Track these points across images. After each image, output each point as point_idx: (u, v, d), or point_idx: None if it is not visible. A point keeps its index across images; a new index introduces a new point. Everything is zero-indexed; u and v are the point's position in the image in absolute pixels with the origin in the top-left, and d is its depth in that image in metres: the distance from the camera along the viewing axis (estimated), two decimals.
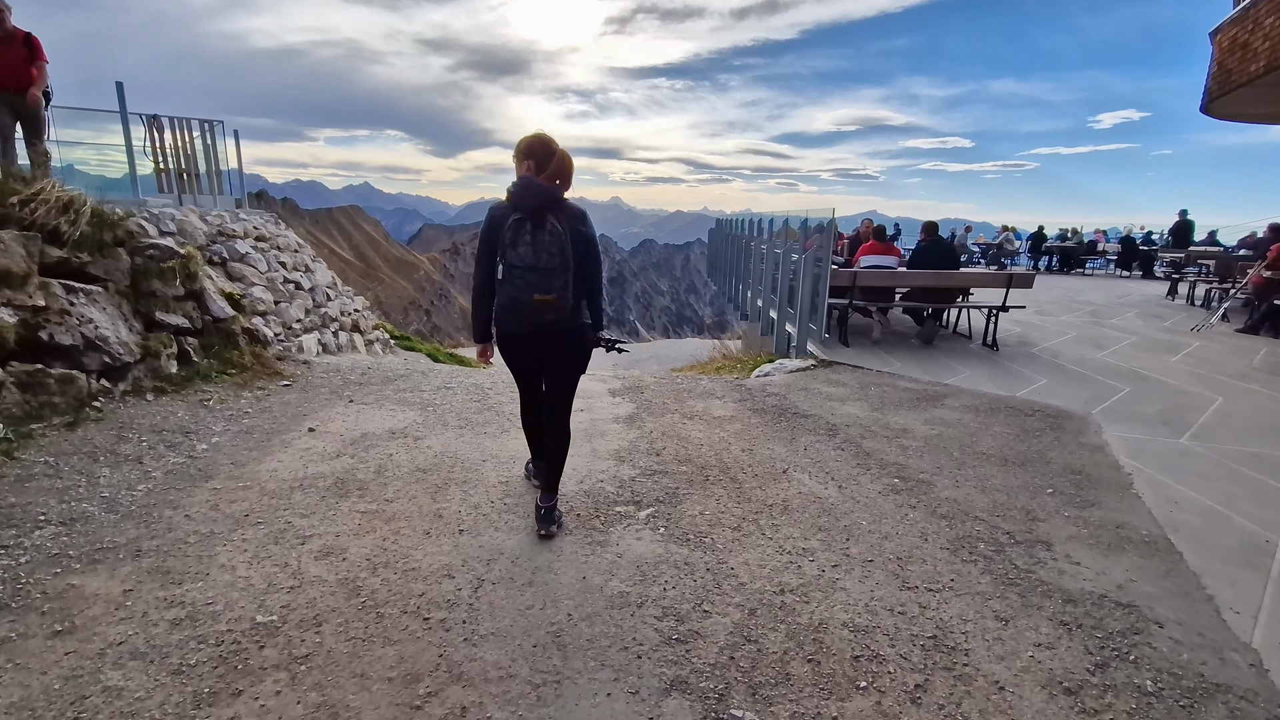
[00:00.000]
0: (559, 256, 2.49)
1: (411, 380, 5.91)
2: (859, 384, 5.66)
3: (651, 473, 3.64)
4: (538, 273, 2.48)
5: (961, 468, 3.82)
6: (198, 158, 9.12)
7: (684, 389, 5.78)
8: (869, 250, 7.22)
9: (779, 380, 5.95)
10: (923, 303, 7.09)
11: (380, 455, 3.76)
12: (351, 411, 4.65)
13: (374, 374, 6.18)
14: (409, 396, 5.15)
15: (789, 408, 5.00)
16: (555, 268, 2.49)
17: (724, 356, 10.69)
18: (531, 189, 2.51)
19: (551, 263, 2.49)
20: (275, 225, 8.20)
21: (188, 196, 8.68)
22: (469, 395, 5.22)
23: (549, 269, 2.48)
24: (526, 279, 2.49)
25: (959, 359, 6.60)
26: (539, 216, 2.49)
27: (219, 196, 9.39)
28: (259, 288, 6.50)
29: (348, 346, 8.09)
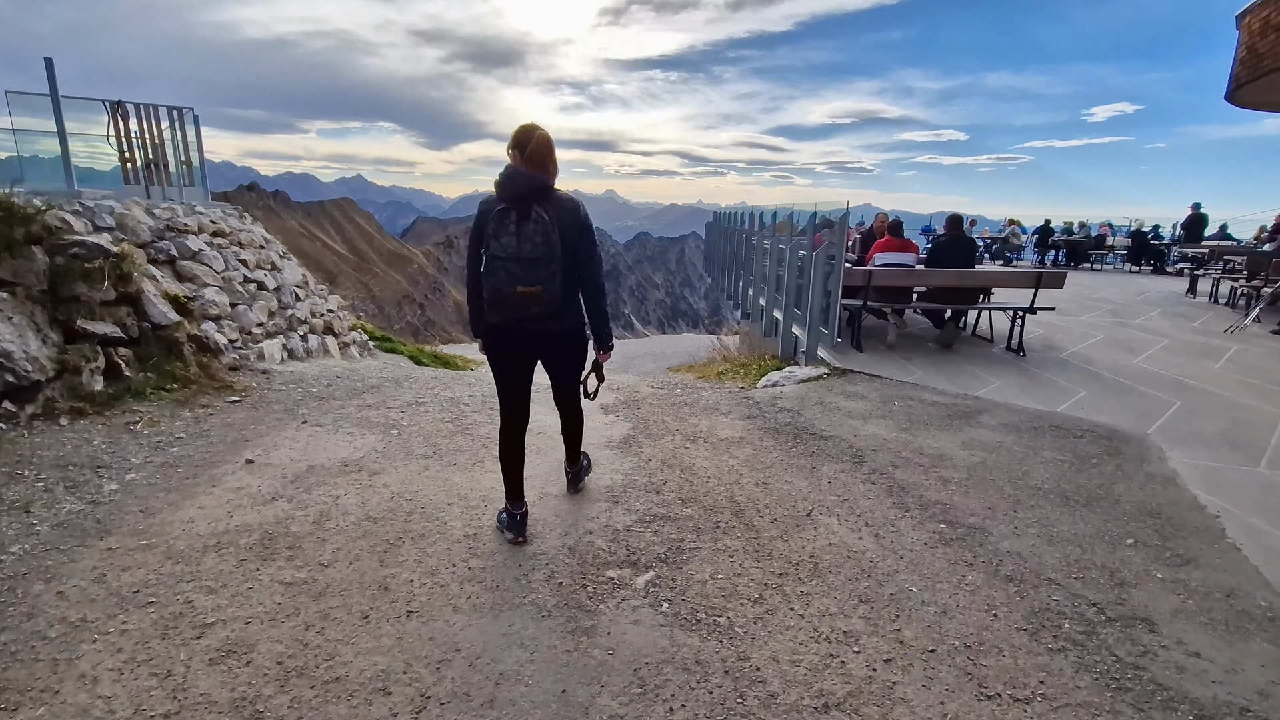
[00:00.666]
0: (543, 246, 2.37)
1: (380, 393, 5.26)
2: (880, 397, 5.04)
3: (651, 518, 3.02)
4: (521, 263, 2.37)
5: (1017, 508, 3.21)
6: (166, 148, 8.46)
7: (685, 402, 5.15)
8: (885, 246, 6.59)
9: (790, 392, 5.33)
10: (943, 304, 6.48)
11: (325, 498, 3.12)
12: (303, 436, 4.00)
13: (340, 385, 5.53)
14: (373, 415, 4.50)
15: (804, 427, 4.38)
16: (540, 258, 2.37)
17: (724, 358, 10.07)
18: (515, 177, 2.41)
19: (535, 252, 2.36)
20: (239, 219, 7.51)
21: (156, 189, 8.04)
22: (441, 413, 4.58)
23: (533, 259, 2.36)
24: (509, 270, 2.37)
25: (985, 366, 6.00)
26: (524, 206, 2.38)
27: (190, 189, 8.74)
28: (213, 289, 5.82)
29: (318, 351, 7.43)
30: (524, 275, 2.38)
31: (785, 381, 5.78)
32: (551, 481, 3.39)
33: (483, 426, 4.26)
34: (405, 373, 7.13)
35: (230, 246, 6.64)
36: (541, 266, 2.38)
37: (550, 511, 3.05)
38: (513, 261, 2.37)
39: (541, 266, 2.38)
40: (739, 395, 5.41)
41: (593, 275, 2.61)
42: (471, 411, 4.62)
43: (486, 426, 4.26)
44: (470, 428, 4.24)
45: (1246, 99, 10.13)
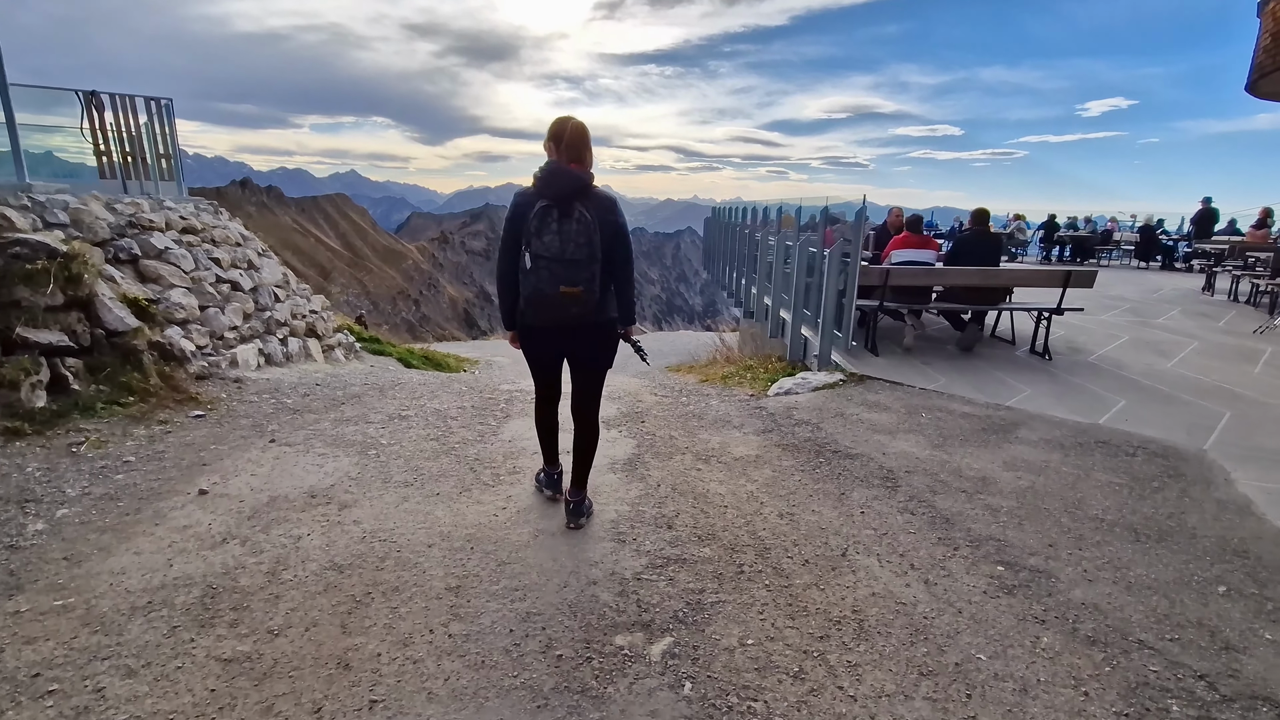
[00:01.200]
0: (586, 247, 2.35)
1: (361, 404, 4.81)
2: (904, 408, 4.62)
3: (664, 561, 2.59)
4: (564, 264, 2.34)
5: (1081, 545, 2.79)
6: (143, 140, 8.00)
7: (693, 413, 4.72)
8: (903, 243, 6.17)
9: (805, 402, 4.91)
10: (965, 305, 6.06)
11: (284, 539, 2.67)
12: (268, 458, 3.55)
13: (319, 394, 5.08)
14: (350, 431, 4.06)
15: (827, 443, 3.96)
16: (582, 259, 2.35)
17: (726, 359, 9.64)
18: (558, 174, 2.36)
19: (579, 254, 2.35)
20: (213, 215, 7.02)
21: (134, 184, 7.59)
22: (427, 429, 4.13)
23: (575, 260, 2.34)
24: (553, 270, 2.34)
25: (1011, 372, 5.59)
26: (566, 205, 2.34)
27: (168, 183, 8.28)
28: (180, 290, 5.36)
29: (299, 355, 6.96)
30: (567, 276, 2.35)
31: (799, 389, 5.36)
32: (548, 515, 2.96)
33: (470, 446, 3.82)
34: (392, 378, 6.67)
35: (202, 244, 6.16)
36: (584, 267, 2.36)
37: (547, 554, 2.61)
38: (556, 262, 2.34)
39: (584, 267, 2.36)
40: (750, 405, 4.99)
41: (627, 275, 2.60)
42: (459, 428, 4.17)
43: (474, 446, 3.82)
44: (457, 447, 3.79)
45: (1267, 89, 9.74)
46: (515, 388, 5.74)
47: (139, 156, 7.86)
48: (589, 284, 2.38)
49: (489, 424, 4.27)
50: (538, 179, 2.40)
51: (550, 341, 2.64)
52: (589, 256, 2.36)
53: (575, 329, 2.57)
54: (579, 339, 2.63)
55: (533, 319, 2.53)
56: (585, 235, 2.34)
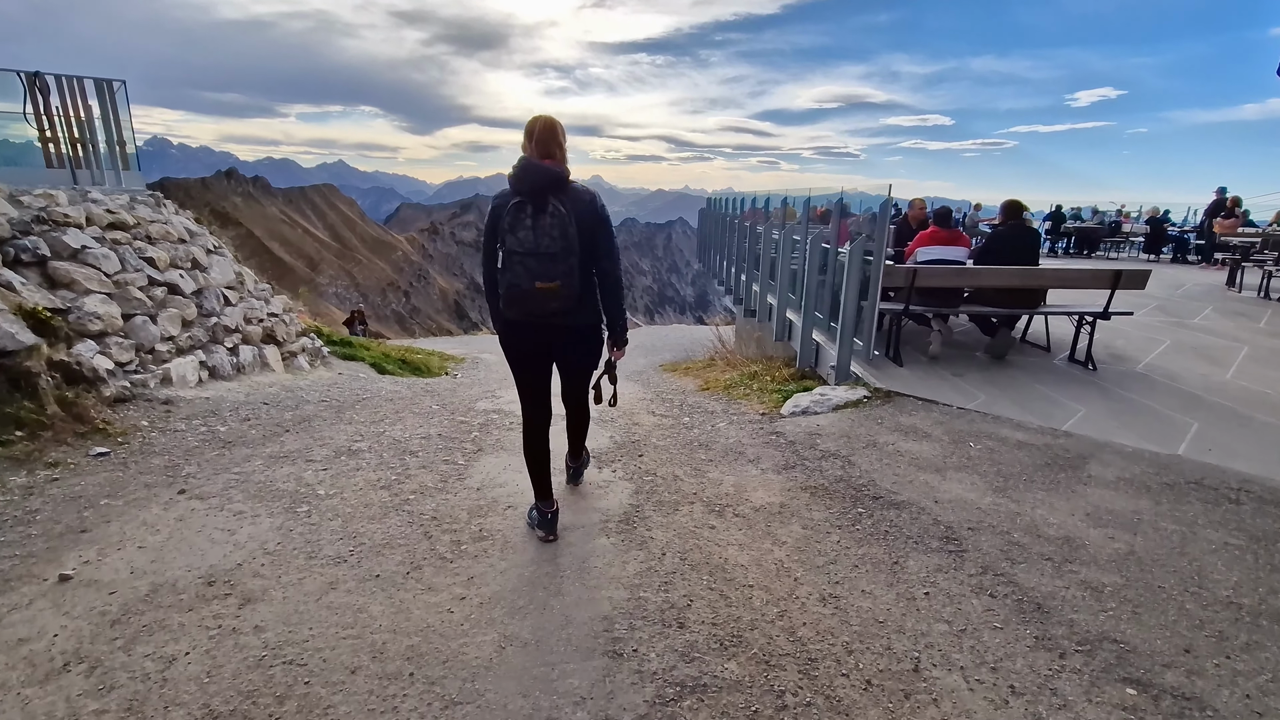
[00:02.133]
0: (561, 240, 2.28)
1: (310, 431, 4.06)
2: (947, 434, 3.92)
3: (677, 690, 1.86)
4: (538, 258, 2.29)
5: (1226, 647, 2.10)
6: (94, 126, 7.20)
7: (698, 441, 4.00)
8: (931, 239, 5.45)
9: (829, 425, 4.20)
10: (999, 308, 5.36)
11: (150, 665, 1.92)
12: (170, 519, 2.79)
13: (263, 417, 4.32)
14: (284, 475, 3.29)
15: (864, 485, 3.25)
16: (557, 253, 2.29)
17: (727, 362, 8.92)
18: (529, 170, 2.31)
19: (553, 247, 2.28)
20: (154, 208, 6.19)
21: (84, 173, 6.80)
22: (379, 470, 3.38)
23: (550, 254, 2.28)
24: (526, 265, 2.30)
25: (1056, 385, 4.89)
26: (539, 199, 2.29)
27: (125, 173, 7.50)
28: (97, 297, 4.55)
29: (253, 365, 6.17)
30: (541, 270, 2.30)
31: (818, 407, 4.65)
32: (522, 603, 2.23)
33: (428, 497, 3.07)
34: (357, 391, 5.90)
35: (133, 242, 5.34)
36: (560, 261, 2.30)
37: (514, 683, 1.88)
38: (530, 257, 2.29)
39: (560, 261, 2.30)
40: (764, 429, 4.27)
41: (611, 268, 2.50)
42: (418, 468, 3.42)
43: (433, 497, 3.07)
44: (412, 499, 3.04)
45: None
46: (492, 406, 4.99)
47: (87, 143, 7.08)
48: (566, 278, 2.31)
49: (455, 462, 3.52)
50: (512, 177, 2.34)
51: (530, 339, 2.53)
52: (564, 250, 2.29)
53: (557, 332, 2.50)
54: (562, 342, 2.56)
55: (511, 314, 2.44)
56: (559, 228, 2.28)
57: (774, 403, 5.22)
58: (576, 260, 2.33)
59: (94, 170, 7.03)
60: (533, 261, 2.29)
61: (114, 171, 7.23)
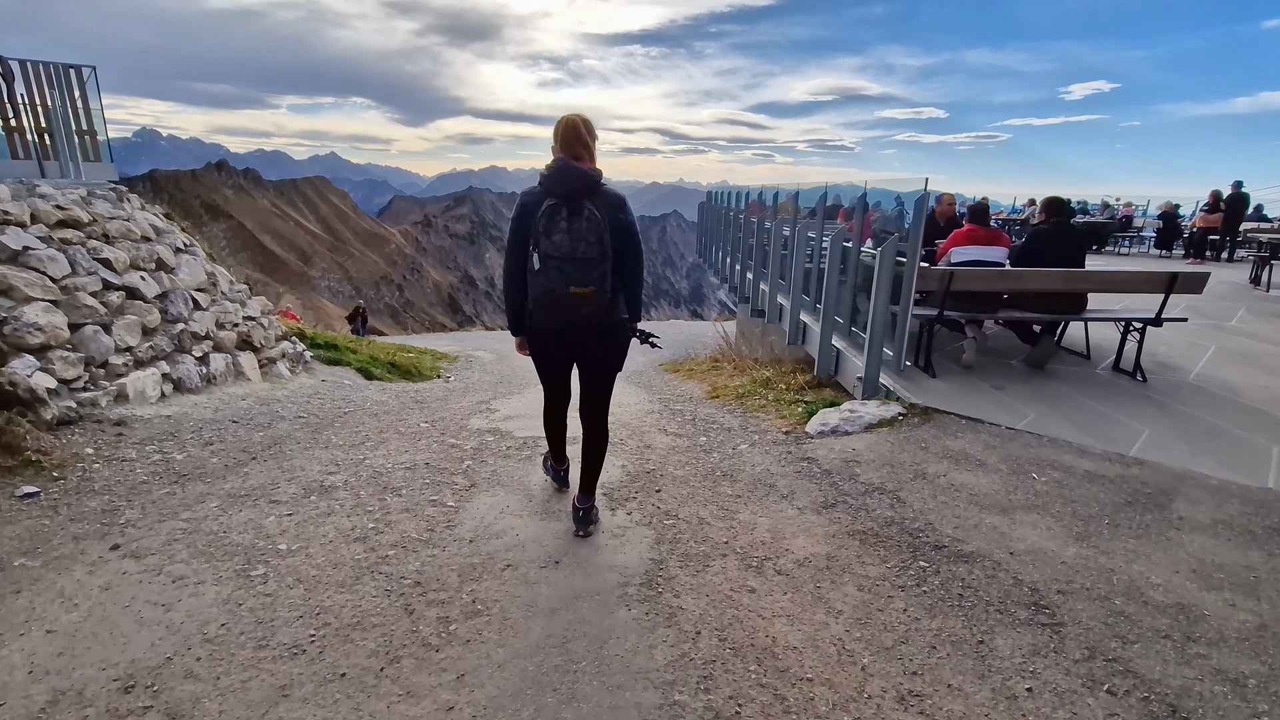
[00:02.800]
0: (597, 246, 2.27)
1: (280, 458, 3.55)
2: (1003, 461, 3.44)
3: None
4: (575, 263, 2.26)
5: None
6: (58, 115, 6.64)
7: (720, 469, 3.52)
8: (967, 238, 4.96)
9: (866, 449, 3.71)
10: (1041, 314, 4.89)
11: None
12: (94, 587, 2.27)
13: (228, 439, 3.81)
14: (240, 520, 2.78)
15: (920, 530, 2.77)
16: (594, 258, 2.27)
17: (734, 365, 8.44)
18: (567, 172, 2.28)
19: (589, 252, 2.26)
20: (115, 203, 5.62)
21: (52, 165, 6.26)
22: (353, 516, 2.86)
23: (587, 259, 2.26)
24: (563, 270, 2.25)
25: (1109, 400, 4.43)
26: (575, 203, 2.26)
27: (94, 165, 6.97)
28: (39, 305, 4.01)
29: (225, 375, 5.63)
30: (578, 276, 2.26)
31: (848, 426, 4.17)
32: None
33: (412, 554, 2.55)
34: (339, 404, 5.39)
35: (87, 241, 4.79)
36: (595, 266, 2.28)
37: None
38: (566, 261, 2.25)
39: (595, 266, 2.28)
40: (793, 452, 3.79)
41: (637, 274, 2.47)
42: (400, 511, 2.91)
43: (418, 553, 2.56)
44: (392, 557, 2.52)
45: None
46: (487, 424, 4.48)
47: (55, 133, 6.54)
48: (600, 283, 2.29)
49: (443, 503, 3.01)
50: (545, 177, 2.31)
51: (559, 345, 2.53)
52: (600, 255, 2.27)
53: (585, 331, 2.45)
54: (589, 341, 2.51)
55: (542, 321, 2.42)
56: (595, 234, 2.26)
57: (796, 417, 4.74)
58: (610, 265, 2.30)
59: (64, 161, 6.48)
60: (569, 266, 2.25)
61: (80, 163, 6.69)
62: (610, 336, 2.52)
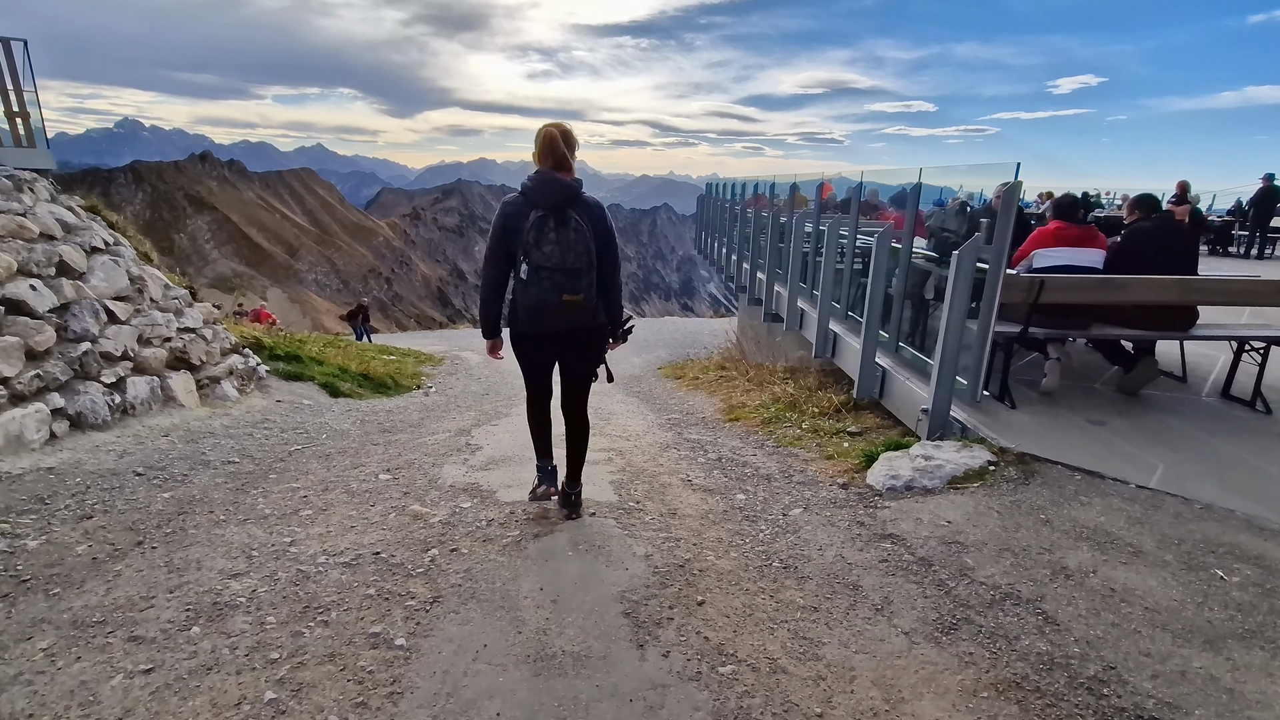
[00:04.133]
0: (585, 256, 2.34)
1: (174, 543, 2.55)
2: (1162, 544, 2.50)
3: None
4: (566, 273, 2.31)
5: None
6: None
7: (778, 558, 2.56)
8: (1055, 239, 4.02)
9: (964, 519, 2.76)
10: (1147, 330, 3.97)
11: None
12: None
13: (116, 507, 2.84)
14: (64, 684, 1.76)
15: (1099, 678, 1.82)
16: (582, 267, 2.34)
17: (747, 376, 7.49)
18: (550, 183, 2.34)
19: (579, 262, 2.33)
20: (7, 194, 4.54)
21: None
22: (250, 662, 1.85)
23: (576, 269, 2.32)
24: (555, 280, 2.31)
25: (1239, 440, 3.51)
26: (561, 213, 2.32)
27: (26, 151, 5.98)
28: None
29: (149, 403, 4.60)
30: (568, 284, 2.32)
31: (926, 479, 3.23)
32: None
33: None
34: (286, 439, 4.38)
35: None
36: (584, 275, 2.34)
37: None
38: (558, 272, 2.31)
39: (584, 275, 2.34)
40: (862, 518, 2.84)
41: (616, 280, 2.55)
42: (321, 661, 1.89)
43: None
44: None
45: None
46: (465, 475, 3.49)
47: None
48: (589, 290, 2.37)
49: (391, 640, 2.00)
50: (527, 188, 2.36)
51: (544, 349, 2.61)
52: (588, 264, 2.34)
53: (567, 335, 2.52)
54: (572, 345, 2.59)
55: (531, 328, 2.46)
56: (583, 244, 2.32)
57: (849, 459, 3.80)
58: (595, 273, 2.38)
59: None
60: (560, 276, 2.31)
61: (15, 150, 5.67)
62: (591, 341, 2.59)
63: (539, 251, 2.28)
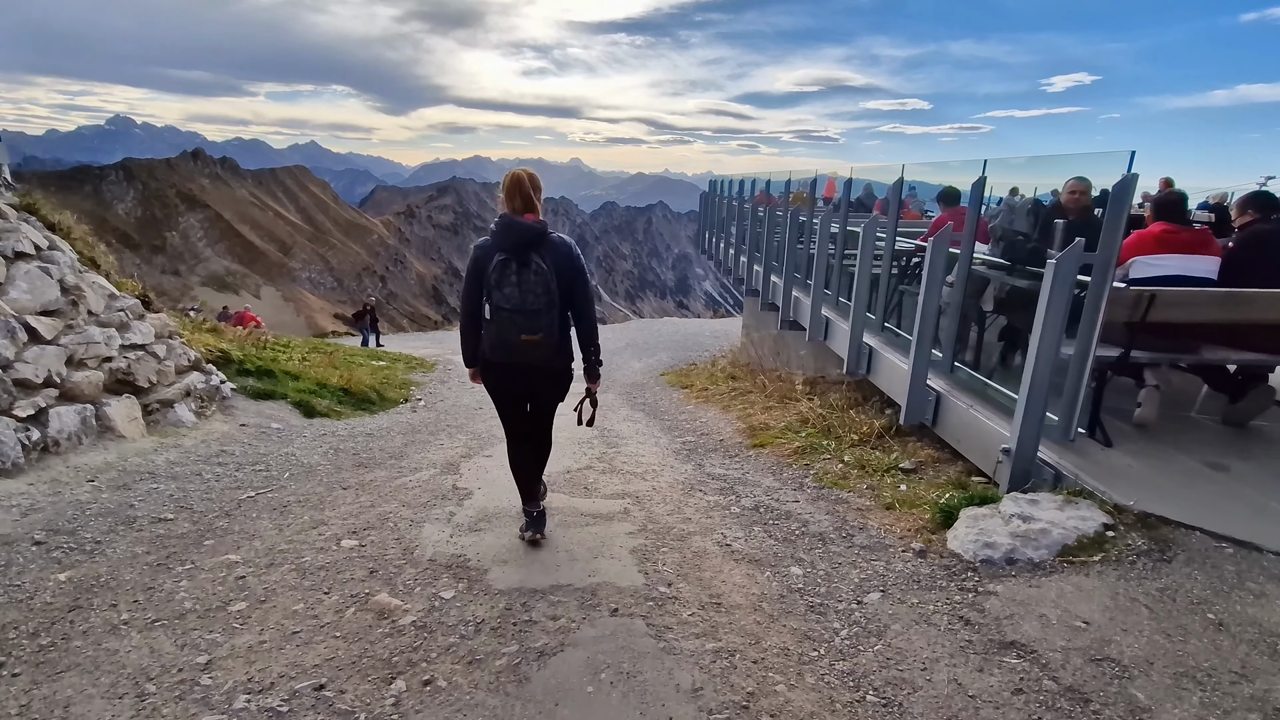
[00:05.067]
0: (544, 296, 2.39)
1: (39, 668, 1.79)
2: None
3: None
4: (525, 314, 2.39)
5: None
6: None
7: (872, 691, 1.85)
8: (1157, 244, 3.33)
9: (1108, 621, 2.06)
10: (1269, 354, 3.29)
11: None
12: None
13: None
14: None
15: None
16: (541, 308, 2.40)
17: (766, 389, 6.79)
18: (512, 227, 2.42)
19: (537, 303, 2.39)
20: None
21: None
22: None
23: (534, 310, 2.39)
24: (514, 320, 2.39)
25: None
26: (523, 255, 2.38)
27: None
28: None
29: (80, 436, 3.86)
30: (527, 325, 2.39)
31: (1029, 548, 2.54)
32: None
33: None
34: (244, 476, 3.66)
35: None
36: (542, 316, 2.39)
37: None
38: (517, 313, 2.38)
39: (542, 316, 2.39)
40: (964, 610, 2.16)
41: (587, 315, 2.60)
42: None
43: None
44: None
45: None
46: (450, 540, 2.77)
47: None
48: (548, 330, 2.42)
49: None
50: (493, 232, 2.43)
51: (510, 380, 2.64)
52: (547, 305, 2.39)
53: (534, 372, 2.58)
54: (537, 381, 2.66)
55: (496, 357, 2.53)
56: (542, 285, 2.37)
57: (910, 505, 3.12)
58: (557, 312, 2.43)
59: None
60: (519, 317, 2.37)
61: None
62: (557, 379, 2.66)
63: (499, 293, 2.36)
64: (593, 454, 4.50)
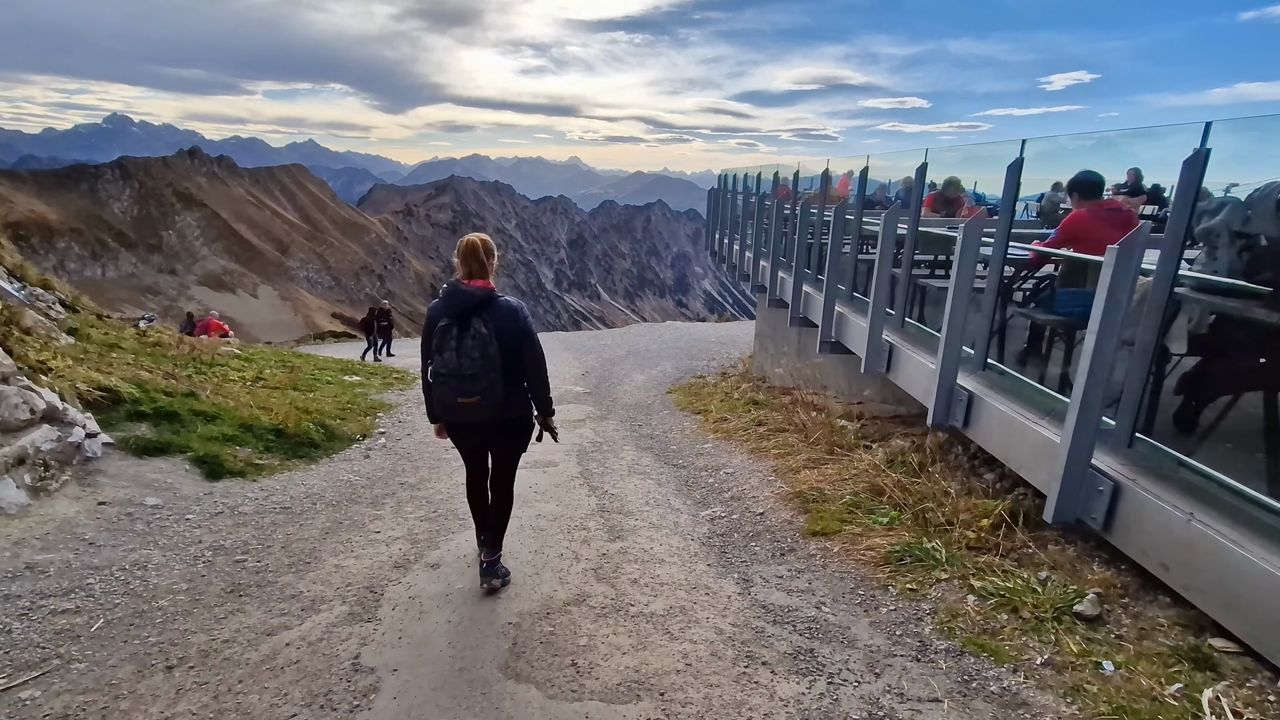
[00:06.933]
0: (481, 360, 2.41)
1: None
2: None
3: None
4: (459, 378, 2.42)
5: None
6: None
7: None
8: None
9: None
10: None
11: None
12: None
13: None
14: None
15: None
16: (476, 373, 2.42)
17: (803, 434, 5.30)
18: (456, 294, 2.48)
19: (473, 367, 2.41)
20: None
21: None
22: None
23: (470, 375, 2.42)
24: (449, 384, 2.44)
25: None
26: (464, 320, 2.44)
27: None
28: None
29: None
30: (462, 388, 2.42)
31: None
32: None
33: None
34: (36, 626, 2.15)
35: None
36: (480, 379, 2.42)
37: None
38: (453, 377, 2.41)
39: (480, 379, 2.42)
40: None
41: (536, 373, 2.63)
42: None
43: None
44: None
45: None
46: None
47: None
48: (486, 392, 2.43)
49: None
50: (440, 297, 2.51)
51: (467, 435, 2.70)
52: (484, 368, 2.41)
53: (488, 425, 2.59)
54: (493, 434, 2.68)
55: (444, 416, 2.61)
56: (480, 349, 2.40)
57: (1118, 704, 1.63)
58: (497, 374, 2.43)
59: None
60: (455, 381, 2.42)
61: None
62: (512, 428, 2.67)
63: (439, 358, 2.43)
64: (587, 558, 3.05)
